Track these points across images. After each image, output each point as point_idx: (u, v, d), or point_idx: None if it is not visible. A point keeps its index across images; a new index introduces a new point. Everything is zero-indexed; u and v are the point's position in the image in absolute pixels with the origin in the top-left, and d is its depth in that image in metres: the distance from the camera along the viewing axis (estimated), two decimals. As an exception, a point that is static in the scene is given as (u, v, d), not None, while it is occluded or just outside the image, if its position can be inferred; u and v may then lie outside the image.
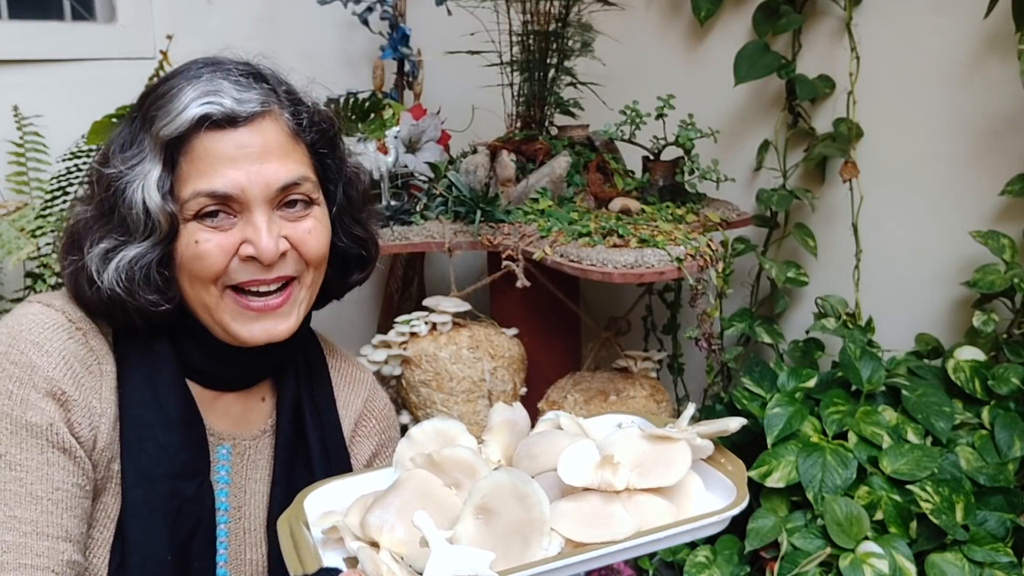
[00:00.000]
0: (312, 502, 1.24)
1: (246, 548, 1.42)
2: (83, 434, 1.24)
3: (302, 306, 1.36)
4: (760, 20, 2.61)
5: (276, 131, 1.31)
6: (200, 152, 1.27)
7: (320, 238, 1.35)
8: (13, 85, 2.26)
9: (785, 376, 2.26)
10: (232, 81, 1.29)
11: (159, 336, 1.34)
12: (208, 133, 1.26)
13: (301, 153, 1.35)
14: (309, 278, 1.36)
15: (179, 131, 1.26)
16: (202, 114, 1.25)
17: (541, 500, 1.04)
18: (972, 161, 2.43)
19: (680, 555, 2.18)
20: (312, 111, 1.38)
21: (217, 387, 1.40)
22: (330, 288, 1.48)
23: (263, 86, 1.32)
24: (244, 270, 1.29)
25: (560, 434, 1.19)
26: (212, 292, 1.30)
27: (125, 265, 1.27)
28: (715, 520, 1.09)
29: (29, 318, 1.27)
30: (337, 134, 1.44)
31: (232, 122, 1.27)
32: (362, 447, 1.56)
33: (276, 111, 1.32)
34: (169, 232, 1.28)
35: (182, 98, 1.27)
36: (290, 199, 1.32)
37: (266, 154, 1.29)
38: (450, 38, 2.53)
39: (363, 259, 1.49)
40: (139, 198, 1.26)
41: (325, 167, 1.41)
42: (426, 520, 1.01)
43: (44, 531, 1.19)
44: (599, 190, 2.41)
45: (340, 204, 1.43)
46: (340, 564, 1.12)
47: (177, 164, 1.28)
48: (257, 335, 1.31)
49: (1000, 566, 1.92)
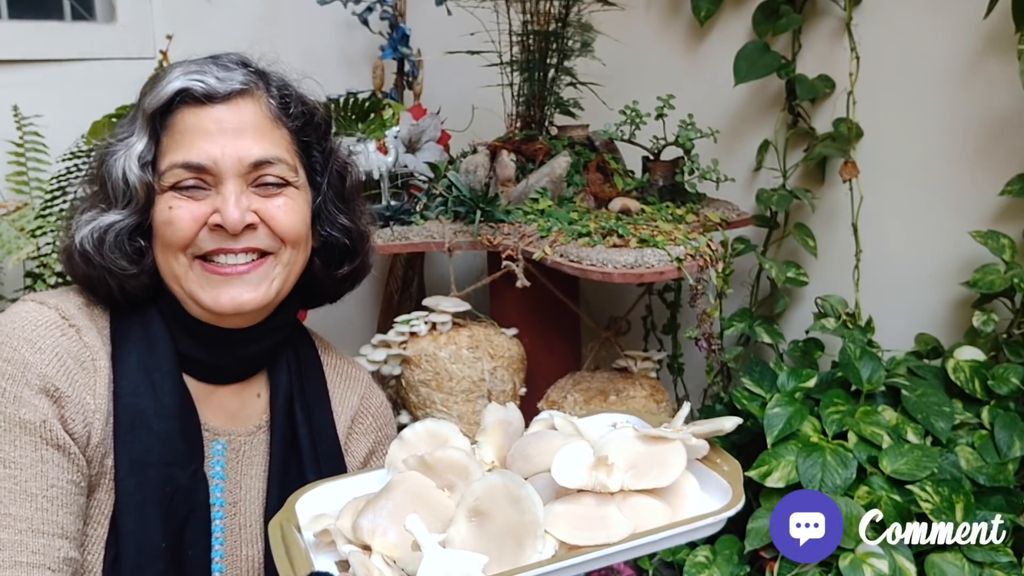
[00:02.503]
0: (304, 505, 1.24)
1: (242, 544, 1.42)
2: (77, 430, 1.25)
3: (275, 282, 1.36)
4: (760, 20, 2.61)
5: (255, 111, 1.36)
6: (180, 127, 1.33)
7: (292, 215, 1.37)
8: (13, 85, 2.27)
9: (785, 376, 2.26)
10: (220, 65, 1.36)
11: (155, 325, 1.36)
12: (189, 108, 1.33)
13: (281, 137, 1.38)
14: (286, 256, 1.37)
15: (160, 103, 1.32)
16: (182, 87, 1.32)
17: (535, 502, 1.04)
18: (972, 161, 2.42)
19: (680, 555, 2.17)
20: (298, 99, 1.41)
21: (211, 379, 1.41)
22: (319, 283, 1.49)
23: (247, 70, 1.37)
24: (211, 239, 1.32)
25: (554, 435, 1.19)
26: (181, 261, 1.33)
27: (99, 229, 1.33)
28: (711, 521, 1.08)
29: (22, 316, 1.28)
30: (326, 125, 1.47)
31: (211, 98, 1.33)
32: (359, 444, 1.57)
33: (257, 93, 1.37)
34: (145, 201, 1.34)
35: (169, 76, 1.34)
36: (264, 179, 1.34)
37: (242, 131, 1.33)
38: (450, 38, 2.53)
39: (349, 250, 1.49)
40: (120, 168, 1.33)
41: (311, 157, 1.44)
42: (418, 523, 1.01)
43: (39, 528, 1.19)
44: (599, 190, 2.41)
45: (325, 194, 1.46)
46: (332, 568, 1.12)
47: (160, 138, 1.34)
48: (223, 302, 1.32)
49: (1000, 566, 1.92)
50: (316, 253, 1.47)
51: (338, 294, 1.57)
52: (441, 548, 1.01)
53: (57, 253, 1.85)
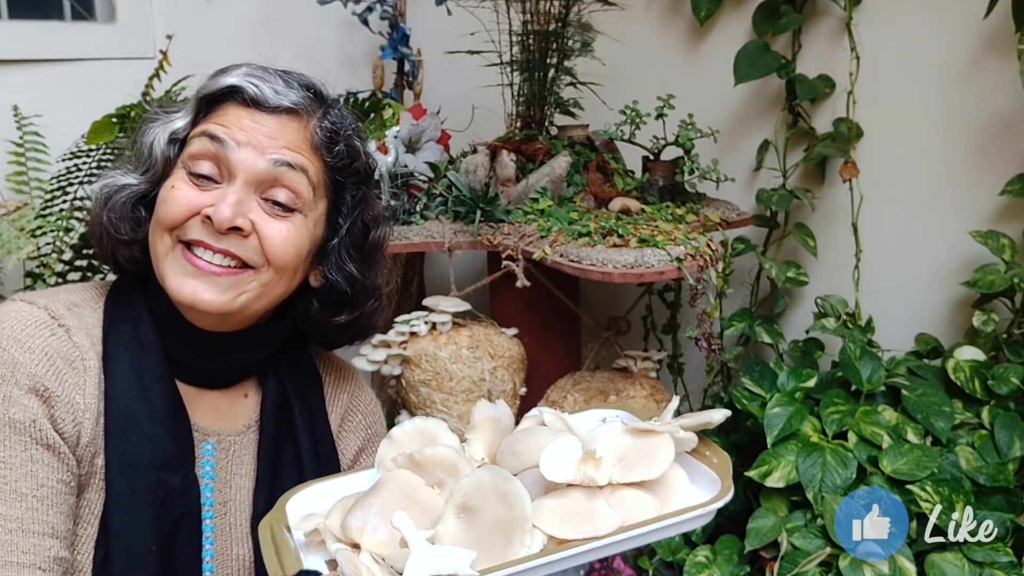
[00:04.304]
0: (294, 505, 1.24)
1: (232, 543, 1.42)
2: (66, 430, 1.25)
3: (244, 296, 1.33)
4: (760, 20, 2.61)
5: (297, 131, 1.34)
6: (221, 116, 1.33)
7: (288, 242, 1.34)
8: (13, 85, 2.28)
9: (785, 376, 2.26)
10: (284, 80, 1.35)
11: (145, 329, 1.35)
12: (235, 105, 1.33)
13: (313, 163, 1.36)
14: (266, 276, 1.34)
15: (212, 90, 1.34)
16: (237, 85, 1.32)
17: (523, 497, 1.04)
18: (972, 161, 2.42)
19: (680, 555, 2.18)
20: (346, 139, 1.40)
21: (199, 383, 1.41)
22: (314, 326, 1.47)
23: (308, 94, 1.37)
24: (198, 228, 1.30)
25: (543, 430, 1.18)
26: (166, 241, 1.32)
27: (111, 187, 1.37)
28: (699, 513, 1.07)
29: (12, 316, 1.27)
30: (365, 173, 1.45)
31: (258, 105, 1.32)
32: (348, 442, 1.56)
33: (306, 119, 1.35)
34: (161, 174, 1.35)
35: (233, 70, 1.35)
36: (275, 194, 1.32)
37: (276, 137, 1.33)
38: (450, 38, 2.53)
39: (349, 299, 1.46)
40: (152, 136, 1.36)
41: (339, 197, 1.42)
42: (405, 520, 1.01)
43: (30, 528, 1.19)
44: (599, 190, 2.41)
45: (342, 238, 1.43)
46: (322, 567, 1.12)
47: (199, 122, 1.35)
48: (185, 292, 1.30)
49: (1000, 566, 1.92)
50: (315, 294, 1.44)
51: (333, 343, 1.55)
52: (429, 544, 1.01)
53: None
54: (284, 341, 1.48)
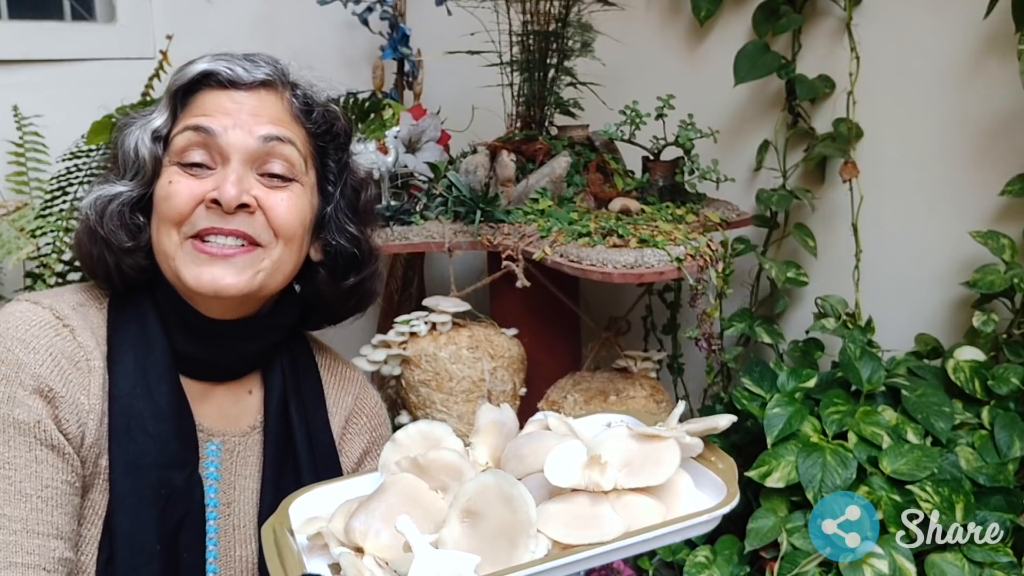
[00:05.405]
0: (297, 508, 1.24)
1: (236, 544, 1.42)
2: (71, 431, 1.25)
3: (260, 274, 1.35)
4: (760, 20, 2.61)
5: (276, 104, 1.38)
6: (200, 105, 1.36)
7: (292, 210, 1.37)
8: (13, 85, 2.27)
9: (785, 376, 2.25)
10: (249, 60, 1.39)
11: (151, 325, 1.36)
12: (211, 91, 1.36)
13: (298, 132, 1.39)
14: (276, 251, 1.36)
15: (184, 81, 1.36)
16: (208, 70, 1.35)
17: (527, 502, 1.04)
18: (972, 161, 2.42)
19: (680, 555, 2.17)
20: (322, 105, 1.44)
21: (205, 376, 1.41)
22: (323, 297, 1.49)
23: (275, 67, 1.40)
24: (206, 216, 1.32)
25: (548, 435, 1.18)
26: (174, 238, 1.33)
27: (104, 198, 1.36)
28: (705, 519, 1.08)
29: (16, 316, 1.28)
30: (345, 136, 1.48)
31: (235, 84, 1.36)
32: (353, 445, 1.57)
33: (281, 89, 1.40)
34: (152, 175, 1.36)
35: (198, 60, 1.38)
36: (271, 167, 1.35)
37: (259, 114, 1.35)
38: (450, 38, 2.53)
39: (357, 260, 1.49)
40: (134, 140, 1.37)
41: (325, 164, 1.45)
42: (409, 524, 1.01)
43: (34, 529, 1.19)
44: (599, 190, 2.41)
45: (337, 203, 1.46)
46: (325, 571, 1.12)
47: (178, 115, 1.37)
48: (204, 282, 1.31)
49: (1000, 566, 1.92)
50: (321, 265, 1.47)
51: (341, 314, 1.57)
52: (433, 548, 1.01)
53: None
54: (286, 333, 1.49)
